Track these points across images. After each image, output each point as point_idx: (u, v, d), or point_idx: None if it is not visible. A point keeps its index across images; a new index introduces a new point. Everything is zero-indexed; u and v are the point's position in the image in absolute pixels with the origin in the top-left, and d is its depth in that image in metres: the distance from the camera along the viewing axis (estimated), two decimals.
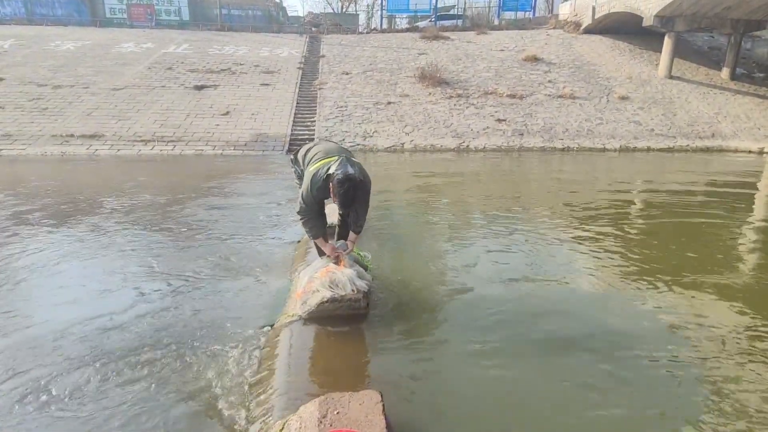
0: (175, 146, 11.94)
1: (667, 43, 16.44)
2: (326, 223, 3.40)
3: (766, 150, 12.68)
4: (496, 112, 14.80)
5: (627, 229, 5.42)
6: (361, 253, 3.54)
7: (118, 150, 11.54)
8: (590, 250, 4.55)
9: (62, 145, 11.45)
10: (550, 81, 16.64)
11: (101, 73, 15.56)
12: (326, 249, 3.18)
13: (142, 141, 12.03)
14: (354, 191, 2.88)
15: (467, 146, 13.11)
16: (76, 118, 12.74)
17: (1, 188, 7.12)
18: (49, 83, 14.47)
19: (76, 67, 15.79)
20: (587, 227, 5.28)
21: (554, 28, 21.87)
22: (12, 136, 11.65)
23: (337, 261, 3.10)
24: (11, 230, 4.88)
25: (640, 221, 5.99)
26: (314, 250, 3.79)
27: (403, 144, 13.00)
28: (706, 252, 4.56)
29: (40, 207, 5.89)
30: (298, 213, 3.09)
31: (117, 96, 14.14)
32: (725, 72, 17.18)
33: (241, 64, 17.22)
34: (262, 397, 2.27)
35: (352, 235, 3.23)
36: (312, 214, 3.09)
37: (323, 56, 18.39)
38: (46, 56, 16.57)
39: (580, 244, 4.74)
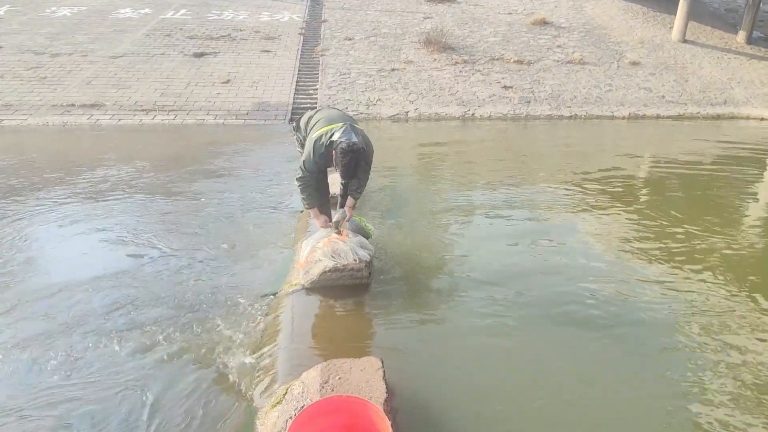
0: (176, 115, 11.81)
1: (682, 5, 15.78)
2: (329, 193, 3.38)
3: None
4: (502, 78, 14.43)
5: (635, 200, 5.37)
6: (363, 220, 3.54)
7: (120, 120, 11.44)
8: (598, 221, 4.52)
9: (63, 115, 11.35)
10: (558, 46, 16.12)
11: (99, 40, 15.24)
12: (318, 221, 3.17)
13: (143, 110, 11.89)
14: (357, 161, 2.85)
15: (473, 114, 12.87)
16: (76, 87, 12.58)
17: (25, 156, 7.11)
18: (47, 51, 14.22)
19: (74, 35, 15.47)
20: (594, 197, 5.24)
21: None
22: (12, 106, 11.55)
23: (338, 231, 3.11)
24: (25, 198, 4.91)
25: (649, 191, 5.93)
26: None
27: (407, 112, 12.78)
28: (716, 221, 4.52)
29: (48, 176, 5.90)
30: (298, 180, 3.05)
31: (116, 64, 13.89)
32: (741, 35, 16.54)
33: (241, 30, 16.78)
34: (265, 363, 2.32)
35: (350, 200, 3.21)
36: (312, 182, 3.05)
37: (325, 21, 17.86)
38: (43, 23, 16.21)
39: (587, 214, 4.71)
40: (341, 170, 2.89)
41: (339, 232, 3.10)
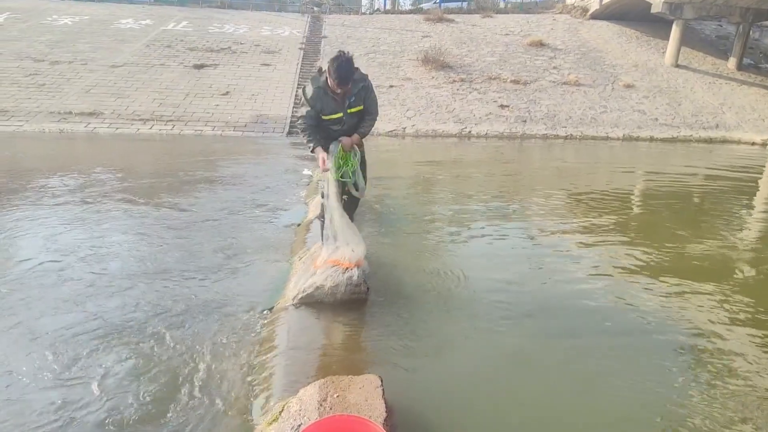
0: (174, 126, 11.83)
1: (675, 30, 16.18)
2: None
3: None
4: (499, 97, 14.64)
5: (628, 219, 5.40)
6: (355, 169, 3.23)
7: (117, 128, 11.43)
8: (591, 237, 4.53)
9: (60, 122, 11.32)
10: (554, 67, 16.42)
11: (99, 49, 15.32)
12: (319, 156, 3.06)
13: (140, 120, 11.91)
14: (348, 65, 2.80)
15: (469, 132, 13.00)
16: (74, 95, 12.58)
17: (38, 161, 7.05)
18: (46, 59, 14.25)
19: (74, 43, 15.54)
20: (588, 214, 5.26)
21: (561, 12, 21.51)
22: (9, 112, 11.51)
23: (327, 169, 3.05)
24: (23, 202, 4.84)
25: (642, 211, 5.97)
26: (314, 233, 3.76)
27: (404, 128, 12.89)
28: (707, 242, 4.54)
29: (52, 181, 5.85)
30: (300, 128, 3.09)
31: (116, 73, 13.95)
32: (732, 62, 16.95)
33: (241, 44, 16.96)
34: (262, 379, 2.27)
35: (355, 136, 3.10)
36: (313, 126, 3.05)
37: (325, 37, 18.11)
38: (43, 31, 16.29)
39: (581, 231, 4.72)
40: (335, 76, 2.78)
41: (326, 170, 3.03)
